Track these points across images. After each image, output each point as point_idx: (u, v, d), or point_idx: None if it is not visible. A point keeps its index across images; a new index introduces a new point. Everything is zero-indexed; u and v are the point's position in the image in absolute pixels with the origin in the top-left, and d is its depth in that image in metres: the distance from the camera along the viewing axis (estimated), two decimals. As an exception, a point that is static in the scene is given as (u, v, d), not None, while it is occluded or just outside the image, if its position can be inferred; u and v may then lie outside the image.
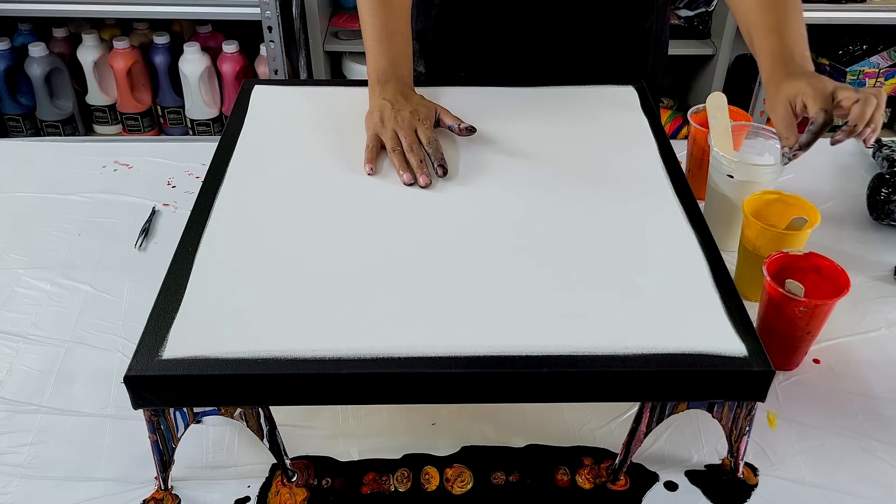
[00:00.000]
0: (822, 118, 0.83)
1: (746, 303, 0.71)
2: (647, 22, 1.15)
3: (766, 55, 0.91)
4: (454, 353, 0.64)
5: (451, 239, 0.78)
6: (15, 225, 1.03)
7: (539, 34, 1.12)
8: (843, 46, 2.22)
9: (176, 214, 1.05)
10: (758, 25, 0.93)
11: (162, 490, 0.71)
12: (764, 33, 0.92)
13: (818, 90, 0.84)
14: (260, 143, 0.92)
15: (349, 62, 2.18)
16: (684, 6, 2.15)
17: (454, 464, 0.74)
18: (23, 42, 2.06)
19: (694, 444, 0.76)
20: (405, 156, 0.88)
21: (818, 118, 0.83)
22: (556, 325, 0.67)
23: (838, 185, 1.13)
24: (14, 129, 2.13)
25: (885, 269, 0.97)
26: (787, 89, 0.87)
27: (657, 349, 0.65)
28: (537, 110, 1.00)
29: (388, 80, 0.95)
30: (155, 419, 0.67)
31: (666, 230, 0.79)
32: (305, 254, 0.75)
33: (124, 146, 1.21)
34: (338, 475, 0.73)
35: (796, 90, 0.86)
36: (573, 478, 0.73)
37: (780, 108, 0.87)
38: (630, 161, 0.90)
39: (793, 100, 0.86)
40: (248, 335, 0.65)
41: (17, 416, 0.78)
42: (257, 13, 1.90)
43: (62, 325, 0.88)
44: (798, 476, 0.73)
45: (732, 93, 1.73)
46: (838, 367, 0.84)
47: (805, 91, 0.85)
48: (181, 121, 2.15)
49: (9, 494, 0.70)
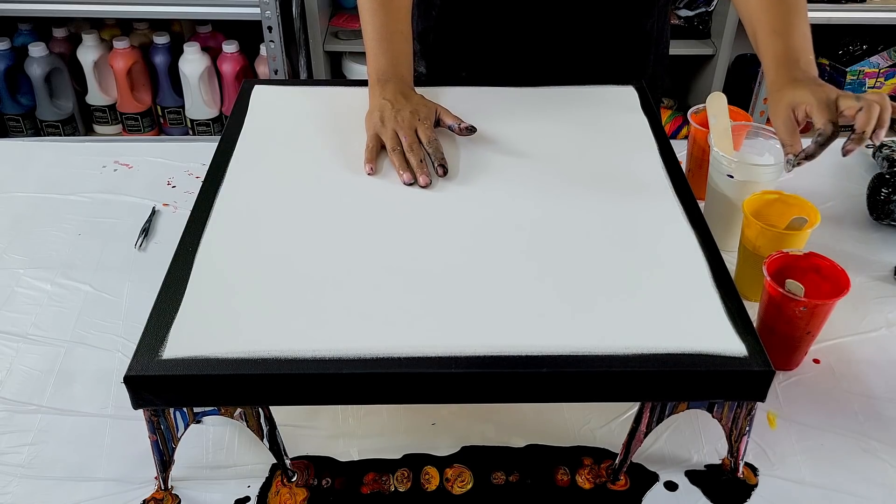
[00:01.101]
0: (830, 130, 0.82)
1: (746, 303, 0.71)
2: (647, 22, 1.15)
3: (770, 58, 0.91)
4: (454, 353, 0.64)
5: (450, 239, 0.78)
6: (15, 225, 1.03)
7: (539, 34, 1.12)
8: (843, 46, 2.22)
9: (176, 214, 1.05)
10: (761, 27, 0.93)
11: (162, 490, 0.71)
12: (767, 35, 0.92)
13: (822, 101, 0.83)
14: (260, 143, 0.92)
15: (349, 62, 2.18)
16: (684, 6, 2.15)
17: (454, 464, 0.74)
18: (23, 42, 2.06)
19: (694, 444, 0.76)
20: (405, 156, 0.88)
21: (826, 130, 0.82)
22: (556, 325, 0.67)
23: (838, 185, 1.13)
24: (14, 129, 2.13)
25: (885, 269, 0.97)
26: (789, 96, 0.86)
27: (657, 349, 0.65)
28: (537, 110, 1.00)
29: (388, 79, 0.95)
30: (155, 419, 0.67)
31: (666, 230, 0.79)
32: (305, 253, 0.75)
33: (124, 146, 1.21)
34: (338, 475, 0.73)
35: (799, 98, 0.85)
36: (573, 478, 0.73)
37: (782, 114, 0.86)
38: (630, 161, 0.90)
39: (795, 107, 0.85)
40: (248, 335, 0.65)
41: (17, 416, 0.78)
42: (257, 13, 1.90)
43: (62, 325, 0.88)
44: (798, 476, 0.73)
45: (732, 93, 1.73)
46: (838, 367, 0.84)
47: (809, 100, 0.84)
48: (181, 121, 2.15)
49: (9, 494, 0.70)
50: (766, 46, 0.92)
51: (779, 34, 0.91)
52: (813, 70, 0.89)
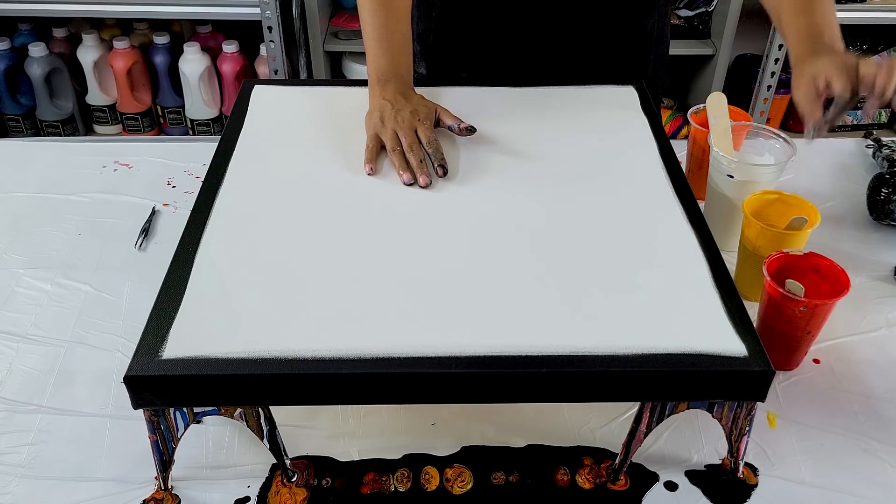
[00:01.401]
0: (848, 95, 0.82)
1: (746, 303, 0.71)
2: (647, 22, 1.15)
3: (793, 36, 0.91)
4: (454, 353, 0.64)
5: (450, 239, 0.78)
6: (15, 225, 1.03)
7: (540, 35, 1.12)
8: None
9: (176, 214, 1.05)
10: (784, 9, 0.93)
11: (162, 490, 0.71)
12: (791, 15, 0.92)
13: (840, 67, 0.83)
14: (260, 143, 0.92)
15: (349, 62, 2.18)
16: (684, 6, 2.15)
17: (454, 464, 0.74)
18: (23, 42, 2.06)
19: (694, 444, 0.76)
20: (405, 156, 0.88)
21: (844, 94, 0.82)
22: (556, 325, 0.67)
23: (838, 185, 1.13)
24: (14, 129, 2.13)
25: (885, 269, 0.97)
26: (811, 67, 0.85)
27: (657, 349, 0.65)
28: (537, 110, 1.00)
29: (388, 79, 0.95)
30: (155, 419, 0.67)
31: (666, 230, 0.79)
32: (305, 253, 0.75)
33: (124, 146, 1.21)
34: (338, 475, 0.73)
35: (820, 67, 0.84)
36: (573, 478, 0.73)
37: (804, 85, 0.86)
38: (630, 161, 0.90)
39: (817, 77, 0.85)
40: (248, 335, 0.65)
41: (17, 416, 0.78)
42: (257, 13, 1.90)
43: (62, 325, 0.88)
44: (798, 476, 0.73)
45: (732, 93, 1.72)
46: (838, 367, 0.84)
47: (828, 68, 0.83)
48: (181, 121, 2.15)
49: (9, 494, 0.70)
50: (788, 26, 0.92)
51: (801, 13, 0.91)
52: (838, 44, 0.88)
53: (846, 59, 0.84)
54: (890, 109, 2.28)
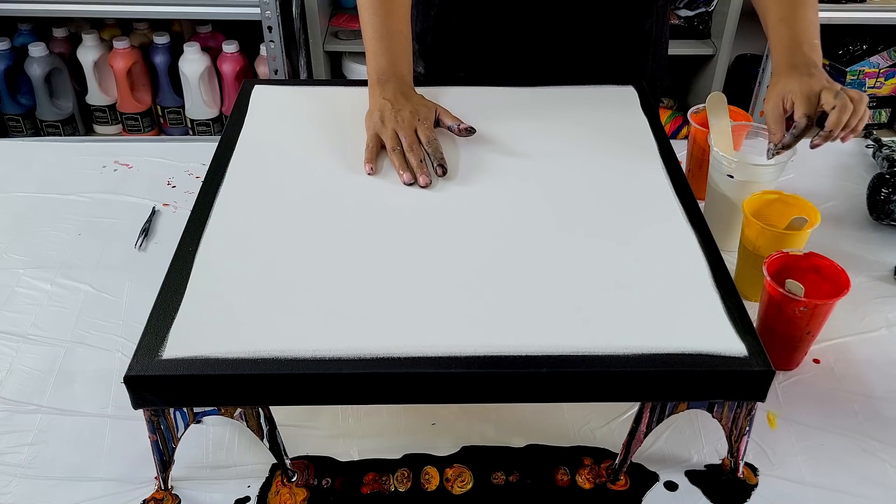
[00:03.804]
0: (804, 123, 0.86)
1: (746, 303, 0.71)
2: (647, 22, 1.15)
3: (775, 46, 0.94)
4: (454, 353, 0.64)
5: (450, 239, 0.78)
6: (15, 225, 1.03)
7: (539, 35, 1.12)
8: (843, 46, 2.22)
9: (176, 214, 1.05)
10: (770, 15, 0.96)
11: (162, 490, 0.71)
12: (775, 23, 0.95)
13: (804, 93, 0.86)
14: (260, 143, 0.92)
15: (349, 62, 2.18)
16: (684, 6, 2.15)
17: (454, 464, 0.74)
18: (23, 42, 2.06)
19: (694, 444, 0.76)
20: (405, 155, 0.88)
21: (800, 124, 0.86)
22: (556, 325, 0.67)
23: (838, 185, 1.13)
24: (14, 129, 2.13)
25: (885, 269, 0.97)
26: (781, 85, 0.89)
27: (657, 349, 0.65)
28: (537, 110, 1.00)
29: (388, 79, 0.95)
30: (155, 419, 0.67)
31: (666, 230, 0.79)
32: (305, 253, 0.75)
33: (124, 146, 1.21)
34: (338, 475, 0.73)
35: (788, 88, 0.88)
36: (573, 478, 0.73)
37: (771, 103, 0.90)
38: (630, 161, 0.90)
39: (784, 97, 0.88)
40: (248, 335, 0.65)
41: (17, 416, 0.78)
42: (257, 13, 1.90)
43: (62, 325, 0.88)
44: (798, 476, 0.73)
45: (732, 93, 1.73)
46: (838, 367, 0.84)
47: (794, 92, 0.87)
48: (181, 121, 2.15)
49: (9, 494, 0.70)
50: (772, 34, 0.95)
51: (784, 21, 0.94)
52: (815, 55, 0.92)
53: (811, 85, 0.87)
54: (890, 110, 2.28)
